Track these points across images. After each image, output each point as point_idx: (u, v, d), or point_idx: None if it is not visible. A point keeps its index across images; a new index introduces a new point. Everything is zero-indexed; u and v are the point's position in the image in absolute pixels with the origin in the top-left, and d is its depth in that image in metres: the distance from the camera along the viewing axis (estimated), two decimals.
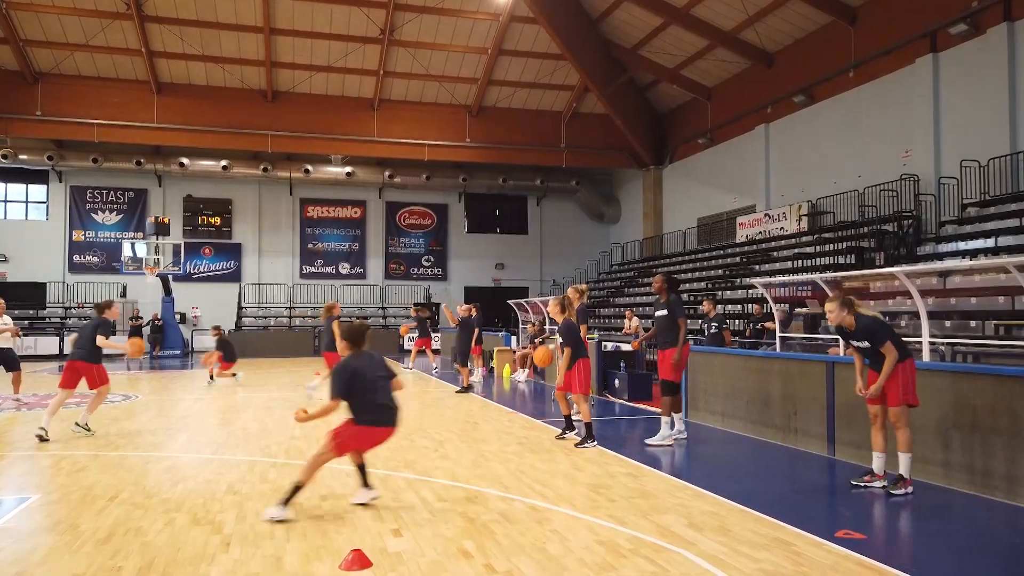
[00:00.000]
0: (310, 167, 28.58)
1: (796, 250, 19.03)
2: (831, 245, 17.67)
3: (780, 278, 14.49)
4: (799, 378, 8.10)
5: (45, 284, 27.45)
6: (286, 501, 5.04)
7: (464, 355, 14.30)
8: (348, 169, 28.90)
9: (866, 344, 6.01)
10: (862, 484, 6.11)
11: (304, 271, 30.39)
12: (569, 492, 5.87)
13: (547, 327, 16.94)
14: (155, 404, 11.96)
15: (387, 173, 29.36)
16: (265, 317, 28.91)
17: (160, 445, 8.11)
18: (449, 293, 31.41)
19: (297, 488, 5.06)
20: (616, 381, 12.95)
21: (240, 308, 28.54)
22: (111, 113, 24.40)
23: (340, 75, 25.73)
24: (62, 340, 24.81)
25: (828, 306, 6.15)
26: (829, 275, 10.43)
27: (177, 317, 28.19)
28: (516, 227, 32.78)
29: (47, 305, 27.30)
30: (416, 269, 31.50)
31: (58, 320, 26.66)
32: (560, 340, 8.25)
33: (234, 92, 25.58)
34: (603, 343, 13.77)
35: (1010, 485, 5.65)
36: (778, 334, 11.56)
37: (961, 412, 6.13)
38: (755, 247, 21.45)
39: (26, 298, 26.87)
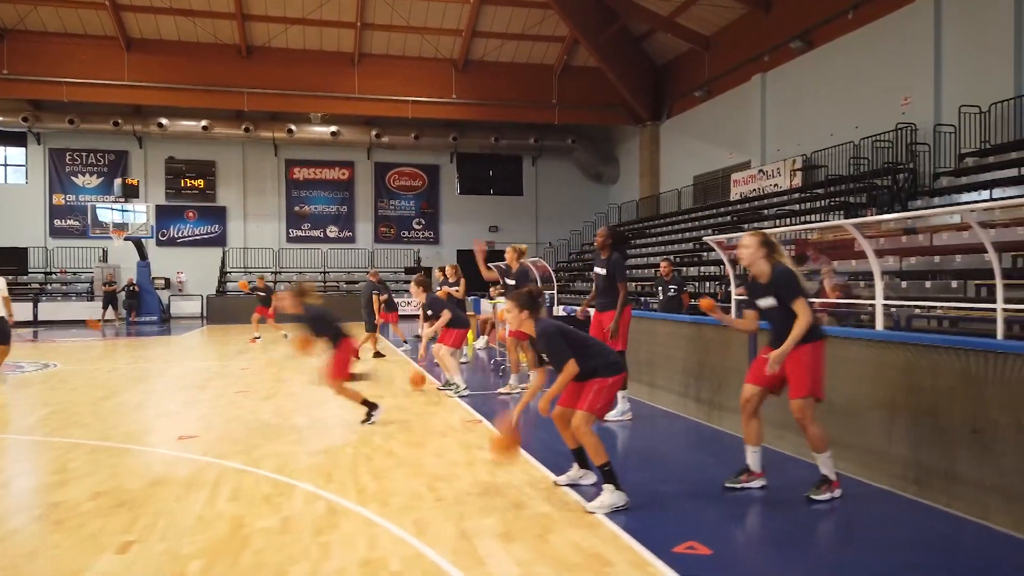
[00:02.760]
0: (294, 127, 27.57)
1: (788, 207, 17.72)
2: (822, 201, 16.36)
3: (734, 235, 13.05)
4: (721, 347, 7.03)
5: (26, 249, 26.97)
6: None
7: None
8: (333, 128, 27.84)
9: (772, 301, 4.77)
10: (738, 485, 4.90)
11: (291, 235, 29.58)
12: (398, 487, 4.92)
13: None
14: (72, 375, 11.21)
15: (374, 133, 28.24)
16: (250, 281, 28.12)
17: None
18: (441, 257, 30.41)
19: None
20: None
21: (223, 273, 27.85)
22: (80, 71, 23.53)
23: (317, 28, 24.57)
24: (35, 306, 24.33)
25: (744, 241, 4.87)
26: (779, 229, 9.24)
27: (161, 282, 27.69)
28: (510, 188, 31.58)
29: (28, 271, 26.87)
30: (407, 232, 30.53)
31: (38, 286, 26.20)
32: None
33: (207, 47, 24.55)
34: (556, 308, 12.74)
35: (948, 485, 4.57)
36: (734, 297, 10.41)
37: (907, 395, 5.02)
38: (747, 205, 20.13)
39: (7, 263, 26.42)
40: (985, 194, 11.88)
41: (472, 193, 31.08)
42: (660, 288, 12.03)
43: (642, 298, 18.05)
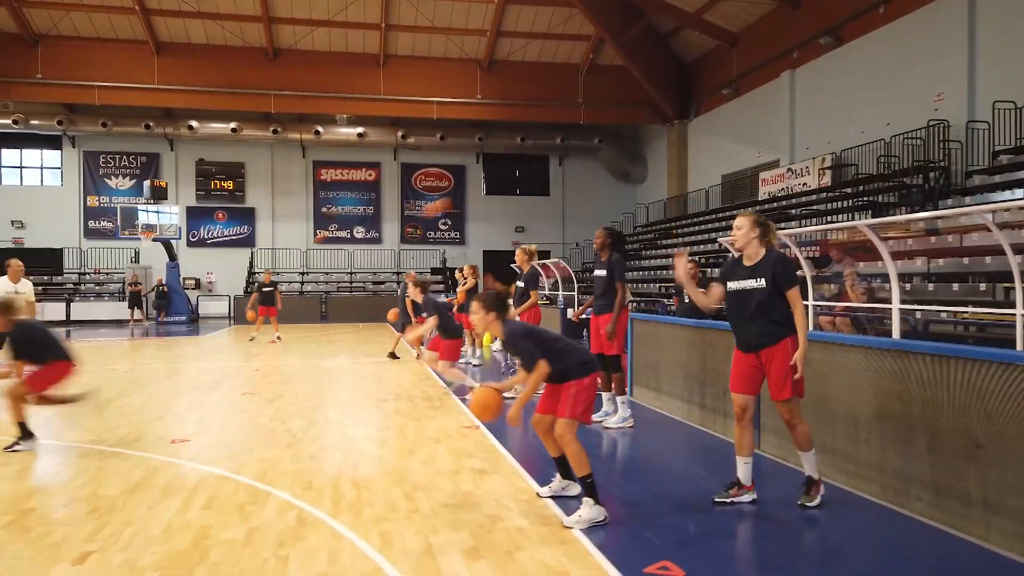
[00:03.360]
0: (320, 128, 27.72)
1: (815, 207, 17.26)
2: (851, 201, 15.90)
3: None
4: (725, 351, 6.77)
5: (61, 250, 27.55)
6: None
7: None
8: (360, 130, 27.94)
9: (762, 284, 4.48)
10: (727, 500, 4.67)
11: (318, 235, 29.76)
12: (376, 496, 4.79)
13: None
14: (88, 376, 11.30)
15: (400, 134, 28.27)
16: (277, 283, 28.33)
17: None
18: (467, 257, 30.33)
19: None
20: None
21: (251, 273, 28.12)
22: (112, 75, 23.94)
23: (342, 29, 24.65)
24: (68, 306, 24.81)
25: (737, 222, 4.66)
26: (794, 231, 8.90)
27: (192, 283, 28.08)
28: (537, 188, 31.38)
29: (64, 271, 27.44)
30: (433, 233, 30.52)
31: (72, 286, 26.73)
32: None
33: (235, 51, 24.80)
34: (567, 310, 12.55)
35: (950, 503, 4.31)
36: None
37: (886, 400, 4.77)
38: (775, 205, 19.66)
39: (43, 264, 27.05)
40: (1020, 193, 11.38)
41: (498, 193, 30.94)
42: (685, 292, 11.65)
43: (665, 300, 17.70)
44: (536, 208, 30.90)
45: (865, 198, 15.59)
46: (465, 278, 12.77)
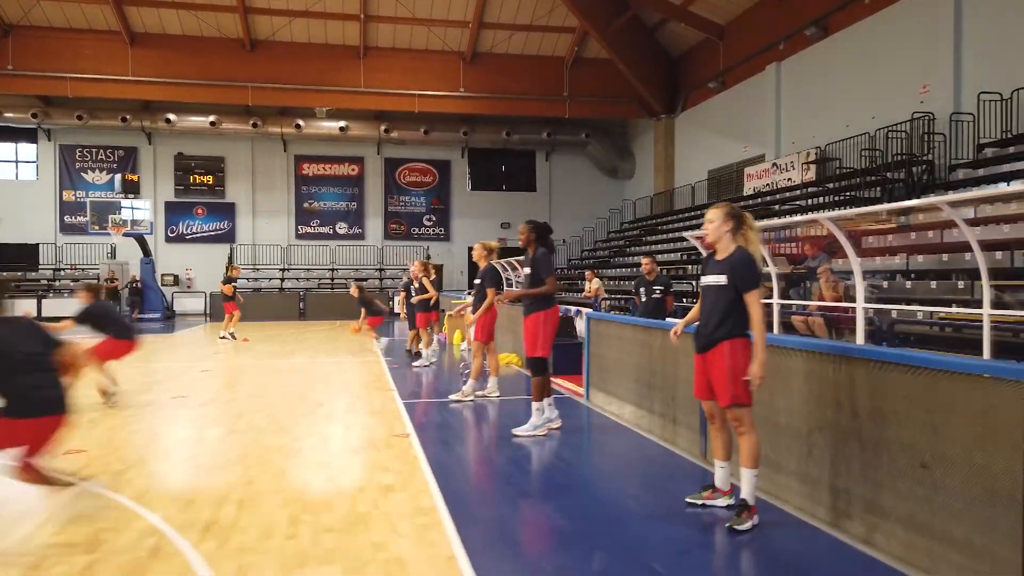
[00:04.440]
0: (302, 122, 27.13)
1: (799, 202, 16.75)
2: (834, 196, 15.40)
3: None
4: (671, 354, 6.26)
5: (37, 245, 27.01)
6: None
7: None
8: (342, 124, 27.38)
9: (723, 280, 4.18)
10: (699, 502, 4.45)
11: (300, 231, 29.21)
12: (256, 519, 4.29)
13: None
14: None
15: (383, 128, 27.70)
16: (256, 279, 27.88)
17: None
18: (452, 254, 29.88)
19: None
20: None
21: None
22: (85, 66, 23.37)
23: (321, 21, 24.10)
24: (39, 302, 24.27)
25: (710, 214, 4.33)
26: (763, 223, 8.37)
27: (171, 279, 27.58)
28: (523, 184, 30.84)
29: (39, 267, 26.91)
30: (417, 229, 29.98)
31: (46, 282, 26.21)
32: None
33: (211, 42, 24.23)
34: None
35: (889, 526, 3.80)
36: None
37: (828, 412, 4.27)
38: (759, 200, 19.15)
39: (18, 259, 26.56)
40: (1004, 187, 10.87)
41: (484, 189, 30.40)
42: (643, 289, 11.13)
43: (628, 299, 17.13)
44: (522, 204, 30.32)
45: (849, 193, 15.08)
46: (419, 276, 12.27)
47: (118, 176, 24.96)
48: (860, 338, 6.56)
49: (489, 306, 8.61)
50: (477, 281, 8.93)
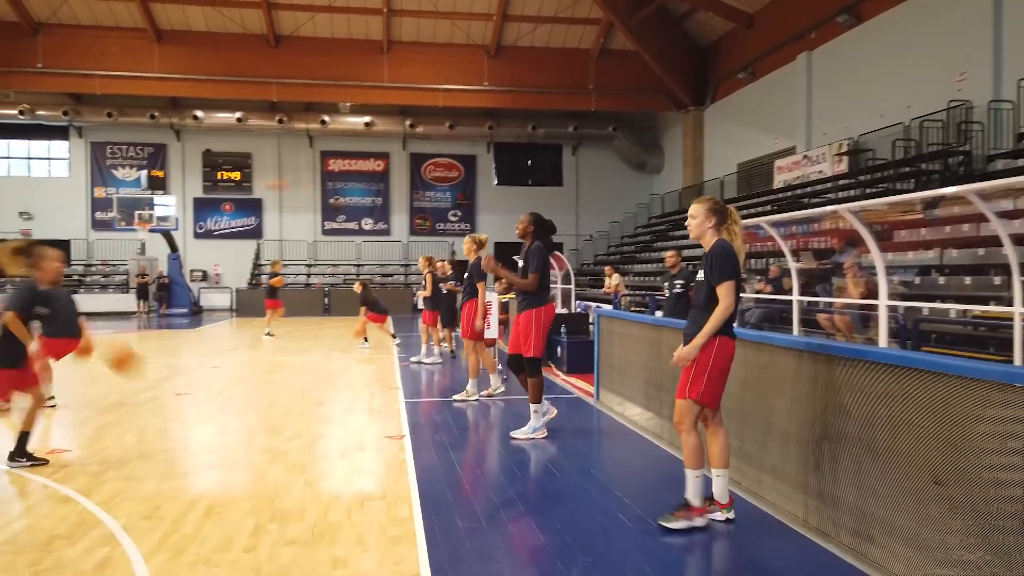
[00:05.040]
0: (327, 118, 27.14)
1: (830, 195, 16.16)
2: (867, 189, 14.81)
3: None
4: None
5: (69, 241, 27.38)
6: None
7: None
8: (367, 119, 27.32)
9: (700, 277, 4.05)
10: (672, 525, 4.06)
11: (326, 227, 29.25)
12: (219, 529, 4.06)
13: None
14: None
15: (408, 122, 27.58)
16: (283, 275, 27.87)
17: None
18: None
19: None
20: (559, 349, 10.91)
21: (256, 265, 27.71)
22: (113, 63, 23.60)
23: (344, 15, 24.01)
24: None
25: (692, 210, 4.16)
26: (771, 218, 7.92)
27: (199, 275, 27.80)
28: (549, 179, 30.48)
29: (71, 262, 27.28)
30: (443, 224, 29.81)
31: (78, 277, 26.57)
32: None
33: (236, 38, 24.30)
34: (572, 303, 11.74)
35: (889, 542, 3.43)
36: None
37: (835, 419, 3.91)
38: (789, 194, 18.58)
39: None
40: None
41: (510, 184, 30.13)
42: (666, 284, 10.71)
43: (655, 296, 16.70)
44: (549, 199, 29.93)
45: (882, 185, 14.49)
46: (433, 272, 12.04)
47: (144, 172, 25.14)
48: (883, 338, 6.13)
49: (472, 299, 8.37)
50: (467, 275, 8.72)
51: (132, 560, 3.56)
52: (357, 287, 13.97)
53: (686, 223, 4.24)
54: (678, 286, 10.80)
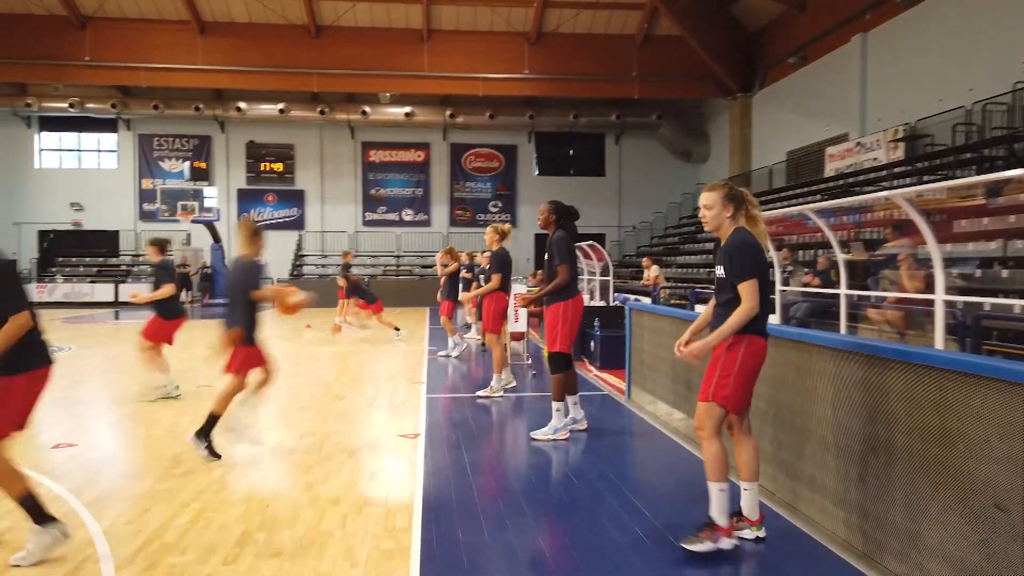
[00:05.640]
0: (368, 108, 27.04)
1: (884, 184, 15.35)
2: (924, 176, 14.00)
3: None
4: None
5: (117, 232, 27.93)
6: None
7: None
8: (407, 109, 27.16)
9: (720, 273, 3.62)
10: (695, 548, 3.63)
11: (367, 218, 29.24)
12: (203, 537, 3.80)
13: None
14: (67, 361, 10.86)
15: (449, 113, 27.31)
16: (324, 266, 28.05)
17: None
18: (518, 240, 29.27)
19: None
20: (592, 344, 10.51)
21: (298, 256, 27.84)
22: (157, 56, 23.81)
23: (384, 4, 23.79)
24: (116, 288, 25.05)
25: (705, 199, 3.70)
26: (817, 206, 7.33)
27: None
28: (591, 168, 29.92)
29: (120, 253, 27.83)
30: (483, 215, 29.53)
31: (125, 268, 27.06)
32: None
33: (277, 28, 24.30)
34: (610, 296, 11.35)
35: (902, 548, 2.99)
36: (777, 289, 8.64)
37: (881, 429, 3.46)
38: (841, 182, 17.76)
39: (99, 246, 27.56)
40: None
41: (551, 174, 29.67)
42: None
43: (695, 288, 16.13)
44: (591, 189, 29.43)
45: (941, 173, 13.68)
46: (446, 264, 11.84)
47: (185, 164, 25.43)
48: (939, 337, 5.59)
49: (491, 290, 8.06)
50: (487, 266, 8.48)
51: (102, 572, 3.32)
52: (341, 281, 13.68)
53: (699, 215, 3.80)
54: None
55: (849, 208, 9.60)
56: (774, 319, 10.51)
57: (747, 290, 3.45)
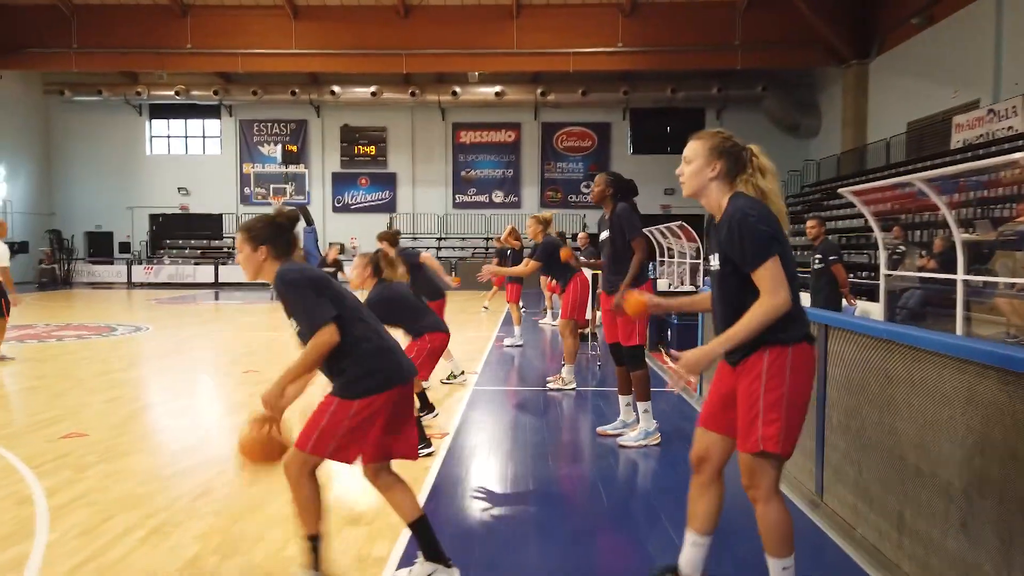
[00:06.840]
0: (458, 88, 26.68)
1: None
2: None
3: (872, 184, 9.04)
4: None
5: (220, 216, 28.89)
6: None
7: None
8: (497, 88, 26.60)
9: (715, 264, 2.62)
10: None
11: (457, 200, 28.97)
12: (163, 560, 3.31)
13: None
14: (136, 342, 10.95)
15: (540, 91, 26.56)
16: (415, 248, 27.92)
17: None
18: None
19: None
20: (669, 332, 9.60)
21: None
22: (253, 41, 24.23)
23: None
24: (216, 269, 25.89)
25: (688, 150, 2.68)
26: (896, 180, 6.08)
27: (336, 248, 28.35)
28: None
29: (223, 236, 28.79)
30: (574, 196, 28.64)
31: (227, 250, 27.95)
32: None
33: (367, 11, 24.19)
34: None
35: None
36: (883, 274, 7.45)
37: (994, 464, 2.53)
38: (970, 155, 15.82)
39: (203, 229, 28.62)
40: None
41: (646, 152, 28.36)
42: (814, 259, 8.97)
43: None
44: None
45: None
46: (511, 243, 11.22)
47: (278, 147, 25.88)
48: (959, 314, 4.44)
49: (519, 273, 7.40)
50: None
51: None
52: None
53: (676, 171, 2.75)
54: (817, 260, 9.27)
55: (971, 178, 8.21)
56: (875, 309, 9.25)
57: (768, 276, 2.40)
